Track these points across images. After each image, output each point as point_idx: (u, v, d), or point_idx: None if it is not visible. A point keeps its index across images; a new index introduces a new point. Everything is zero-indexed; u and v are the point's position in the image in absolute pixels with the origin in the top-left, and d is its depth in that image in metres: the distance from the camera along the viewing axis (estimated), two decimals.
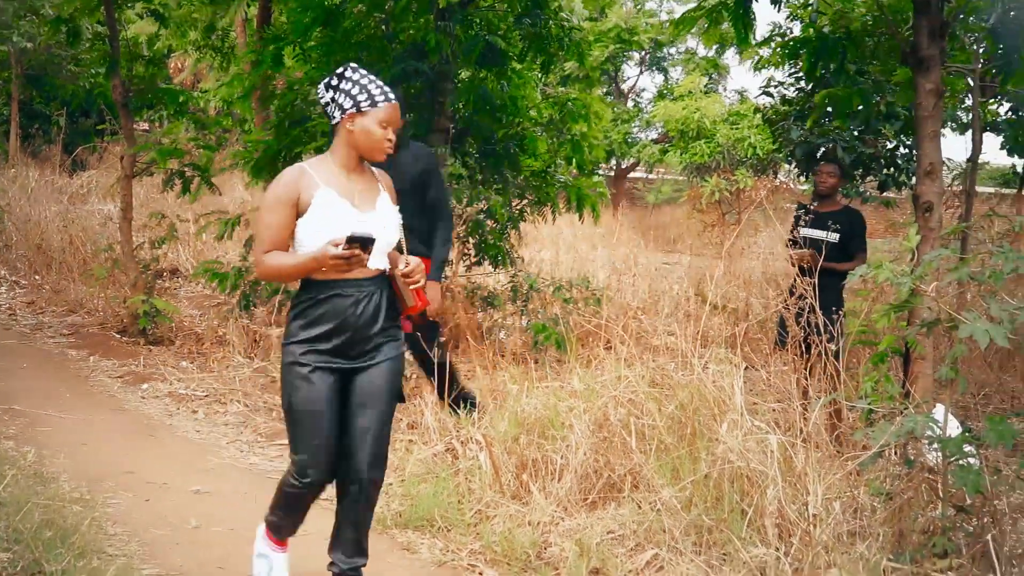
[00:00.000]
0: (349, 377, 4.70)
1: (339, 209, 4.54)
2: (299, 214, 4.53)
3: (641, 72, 37.67)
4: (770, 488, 5.38)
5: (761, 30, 10.92)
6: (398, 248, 4.91)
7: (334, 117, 4.71)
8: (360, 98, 4.63)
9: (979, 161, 8.95)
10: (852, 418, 7.10)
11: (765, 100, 17.78)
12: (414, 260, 4.64)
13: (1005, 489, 5.35)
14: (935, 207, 7.24)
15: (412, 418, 7.78)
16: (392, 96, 4.67)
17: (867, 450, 5.48)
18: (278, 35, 10.69)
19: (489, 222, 10.84)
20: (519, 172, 11.34)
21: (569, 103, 11.74)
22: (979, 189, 16.97)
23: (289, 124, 10.38)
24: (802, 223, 8.67)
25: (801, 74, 15.34)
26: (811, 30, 9.39)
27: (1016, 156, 22.20)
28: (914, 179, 8.88)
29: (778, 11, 9.22)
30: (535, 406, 6.86)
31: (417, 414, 7.67)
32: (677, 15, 9.58)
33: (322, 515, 6.43)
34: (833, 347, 6.95)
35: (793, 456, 5.59)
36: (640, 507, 5.83)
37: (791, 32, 13.22)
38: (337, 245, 4.29)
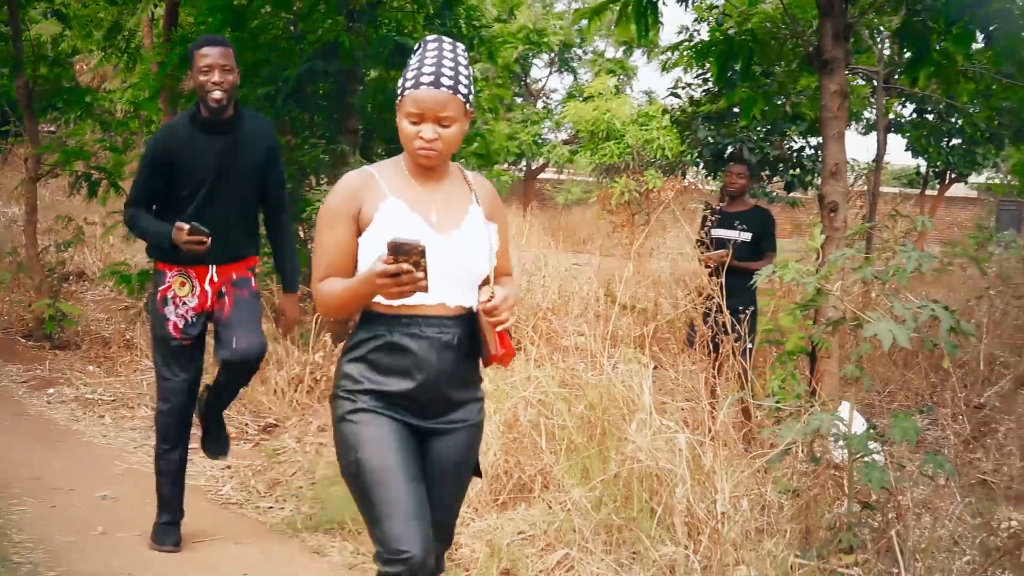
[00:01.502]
0: (421, 438, 3.69)
1: (408, 226, 3.54)
2: (360, 231, 3.60)
3: (550, 73, 37.82)
4: (679, 487, 5.41)
5: (669, 30, 11.08)
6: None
7: None
8: (399, 84, 3.61)
9: (883, 162, 9.09)
10: (760, 416, 7.18)
11: (673, 101, 17.91)
12: (501, 292, 3.54)
13: (909, 485, 5.43)
14: (840, 207, 7.34)
15: (323, 420, 7.74)
16: (427, 79, 3.50)
17: (774, 448, 5.54)
18: (185, 36, 10.62)
19: None
20: None
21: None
22: (883, 189, 17.20)
23: None
24: (711, 223, 8.78)
25: (708, 75, 15.46)
26: (717, 33, 9.49)
27: (919, 157, 22.55)
28: (820, 179, 8.99)
29: (685, 10, 9.30)
30: None
31: (328, 416, 7.61)
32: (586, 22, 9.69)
33: (231, 519, 6.39)
34: (742, 346, 7.02)
35: (701, 455, 5.63)
36: (550, 507, 5.85)
37: (698, 34, 13.35)
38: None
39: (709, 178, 18.94)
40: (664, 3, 8.90)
